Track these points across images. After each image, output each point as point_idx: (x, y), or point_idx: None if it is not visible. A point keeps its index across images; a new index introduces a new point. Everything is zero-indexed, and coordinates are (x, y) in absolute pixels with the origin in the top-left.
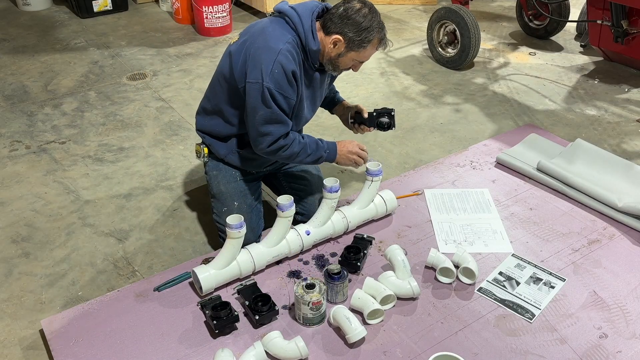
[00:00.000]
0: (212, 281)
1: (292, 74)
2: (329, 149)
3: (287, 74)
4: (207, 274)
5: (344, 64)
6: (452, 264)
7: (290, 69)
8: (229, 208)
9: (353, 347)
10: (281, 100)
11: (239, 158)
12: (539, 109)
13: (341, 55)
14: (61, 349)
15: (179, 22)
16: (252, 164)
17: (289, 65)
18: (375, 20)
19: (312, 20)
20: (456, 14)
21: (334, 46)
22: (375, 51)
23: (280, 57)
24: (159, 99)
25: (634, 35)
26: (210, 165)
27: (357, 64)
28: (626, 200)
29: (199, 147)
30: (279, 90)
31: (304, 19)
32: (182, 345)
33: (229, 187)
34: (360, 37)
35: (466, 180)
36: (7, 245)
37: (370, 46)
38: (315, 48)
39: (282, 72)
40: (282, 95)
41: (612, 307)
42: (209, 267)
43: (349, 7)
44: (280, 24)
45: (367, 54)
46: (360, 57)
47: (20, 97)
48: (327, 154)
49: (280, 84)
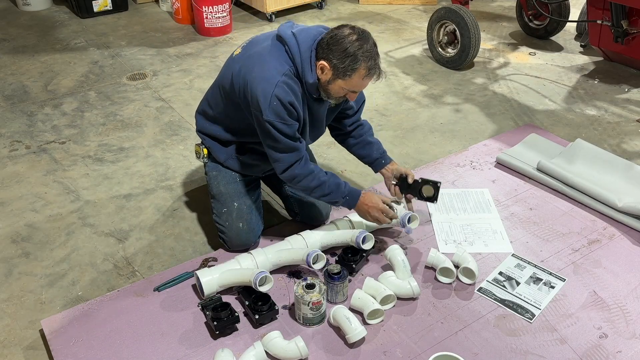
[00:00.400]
0: (215, 287)
1: (290, 104)
2: (349, 197)
3: (285, 105)
4: (209, 280)
5: (335, 92)
6: (452, 264)
7: (288, 101)
8: (228, 209)
9: (353, 347)
10: (285, 129)
11: (239, 163)
12: (539, 109)
13: (329, 82)
14: (61, 349)
15: (179, 22)
16: (252, 170)
17: (286, 97)
18: (364, 49)
19: (312, 50)
20: (456, 14)
21: (322, 72)
22: (367, 82)
23: (277, 90)
24: (159, 99)
25: (634, 35)
26: (210, 165)
27: (349, 93)
28: (626, 200)
29: (198, 148)
30: (280, 121)
31: (302, 49)
32: (182, 345)
33: (228, 187)
34: (344, 64)
35: (466, 180)
36: (7, 245)
37: (356, 75)
38: (312, 81)
39: (280, 105)
40: (285, 124)
41: (612, 307)
42: (212, 274)
43: (338, 32)
44: (279, 51)
45: (355, 84)
46: (350, 86)
47: (20, 97)
48: (345, 201)
49: (280, 115)
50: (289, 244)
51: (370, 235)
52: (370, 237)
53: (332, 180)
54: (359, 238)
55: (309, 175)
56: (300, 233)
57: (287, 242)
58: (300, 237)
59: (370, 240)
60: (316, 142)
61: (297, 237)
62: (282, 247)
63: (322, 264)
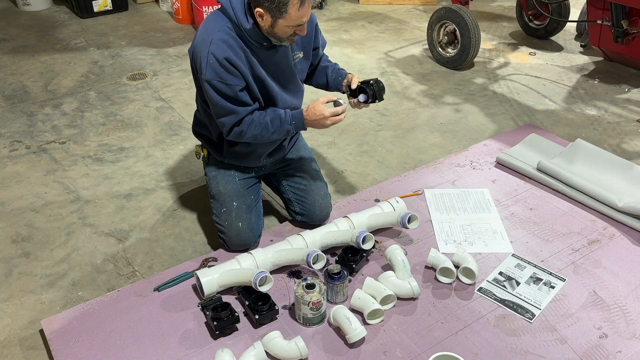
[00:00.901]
0: (215, 287)
1: (227, 60)
2: (295, 120)
3: (220, 62)
4: (209, 280)
5: (283, 32)
6: (452, 264)
7: (223, 56)
8: (228, 208)
9: (353, 347)
10: (224, 89)
11: (236, 156)
12: (539, 109)
13: (272, 26)
14: (61, 349)
15: (179, 22)
16: (251, 158)
17: (221, 53)
18: None
19: (243, 1)
20: (456, 14)
21: (262, 19)
22: (307, 10)
23: (212, 47)
24: (159, 99)
25: (634, 35)
26: (210, 166)
27: (297, 28)
28: (626, 200)
29: (198, 149)
30: (218, 79)
31: (234, 3)
32: (182, 346)
33: (227, 187)
34: (275, 2)
35: (466, 180)
36: (7, 245)
37: (291, 9)
38: (249, 26)
39: (215, 61)
40: (224, 83)
41: (612, 307)
42: (213, 275)
43: None
44: (217, 14)
45: (295, 17)
46: (292, 22)
47: (20, 97)
48: (294, 126)
49: (217, 72)
50: (289, 244)
51: (370, 235)
52: (370, 237)
53: (273, 115)
54: (359, 238)
55: (250, 124)
56: (300, 233)
57: (287, 242)
58: (300, 237)
59: (370, 240)
60: (316, 142)
61: (297, 237)
62: (282, 247)
63: (322, 264)
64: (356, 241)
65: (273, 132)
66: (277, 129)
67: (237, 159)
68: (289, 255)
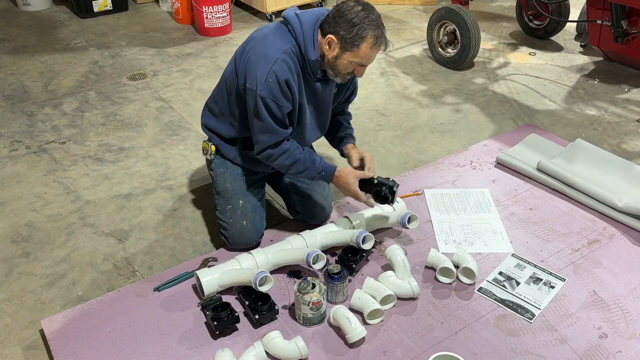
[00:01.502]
0: (215, 287)
1: (285, 83)
2: (325, 173)
3: (280, 83)
4: (210, 280)
5: (343, 67)
6: (452, 264)
7: (284, 79)
8: (233, 206)
9: (353, 347)
10: (275, 109)
11: (245, 159)
12: (539, 109)
13: (337, 57)
14: (61, 349)
15: (179, 22)
16: (259, 165)
17: (282, 75)
18: (369, 18)
19: (314, 29)
20: (456, 14)
21: (329, 47)
22: (375, 52)
23: (275, 67)
24: (159, 99)
25: (634, 35)
26: (217, 162)
27: (357, 67)
28: (626, 200)
29: (206, 145)
30: (272, 98)
31: (305, 28)
32: (182, 346)
33: (235, 185)
34: (352, 34)
35: (466, 180)
36: (7, 245)
37: (364, 44)
38: (314, 58)
39: (275, 82)
40: (276, 104)
41: (612, 307)
42: (212, 275)
43: (342, 6)
44: (283, 32)
45: (363, 54)
46: (357, 58)
47: (20, 97)
48: (322, 176)
49: (273, 93)
50: (289, 244)
51: (370, 235)
52: (370, 237)
53: (308, 156)
54: (359, 238)
55: (283, 153)
56: (300, 233)
57: (287, 242)
58: (300, 237)
59: (370, 240)
60: (316, 142)
61: (297, 237)
62: (282, 247)
63: (322, 263)
64: (356, 241)
65: (301, 172)
66: (305, 170)
67: (248, 161)
68: (289, 255)
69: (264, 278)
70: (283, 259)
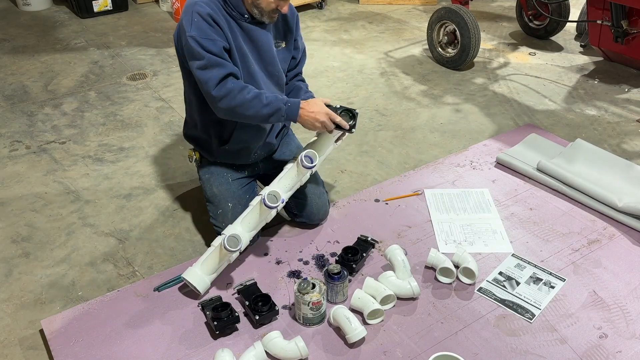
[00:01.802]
0: (207, 281)
1: (210, 17)
2: (290, 103)
3: (205, 19)
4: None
5: (266, 4)
6: (452, 264)
7: (206, 12)
8: (223, 210)
9: (353, 347)
10: (209, 44)
11: (227, 154)
12: (539, 109)
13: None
14: (61, 349)
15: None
16: (243, 155)
17: (204, 10)
18: None
19: None
20: (456, 14)
21: None
22: None
23: (196, 7)
24: (159, 99)
25: (634, 35)
26: (203, 169)
27: (279, 2)
28: (626, 200)
29: (191, 152)
30: (202, 36)
31: None
32: (182, 346)
33: (221, 189)
34: None
35: (466, 180)
36: (7, 245)
37: None
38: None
39: (200, 19)
40: (208, 39)
41: (612, 307)
42: (197, 270)
43: None
44: None
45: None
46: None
47: (20, 97)
48: (288, 108)
49: (202, 29)
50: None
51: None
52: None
53: (269, 92)
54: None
55: (243, 89)
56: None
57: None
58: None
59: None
60: None
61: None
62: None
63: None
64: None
65: (265, 105)
66: (269, 103)
67: (229, 157)
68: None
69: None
70: (252, 221)
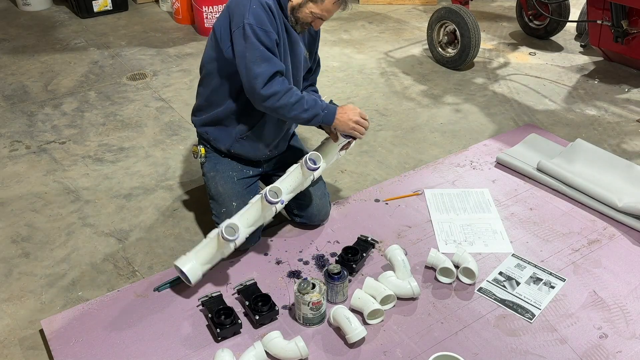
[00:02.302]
0: (199, 272)
1: (268, 7)
2: (328, 110)
3: (264, 7)
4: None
5: (304, 16)
6: (452, 264)
7: (266, 2)
8: (227, 209)
9: (353, 347)
10: (263, 36)
11: (243, 146)
12: (539, 109)
13: (301, 5)
14: (61, 349)
15: (179, 22)
16: (258, 149)
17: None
18: None
19: None
20: (456, 14)
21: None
22: (336, 8)
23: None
24: (159, 99)
25: (634, 35)
26: (208, 166)
27: (316, 20)
28: (626, 200)
29: (195, 148)
30: (259, 25)
31: None
32: (182, 345)
33: (226, 187)
34: None
35: (466, 180)
36: (7, 245)
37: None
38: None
39: (259, 6)
40: (264, 30)
41: (612, 307)
42: (192, 258)
43: None
44: None
45: (325, 8)
46: (319, 10)
47: (20, 97)
48: (325, 114)
49: (260, 18)
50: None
51: (315, 153)
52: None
53: (309, 96)
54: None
55: (288, 91)
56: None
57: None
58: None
59: (318, 158)
60: (317, 141)
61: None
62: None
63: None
64: (308, 167)
65: (306, 109)
66: (310, 107)
67: (244, 149)
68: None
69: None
70: (251, 217)
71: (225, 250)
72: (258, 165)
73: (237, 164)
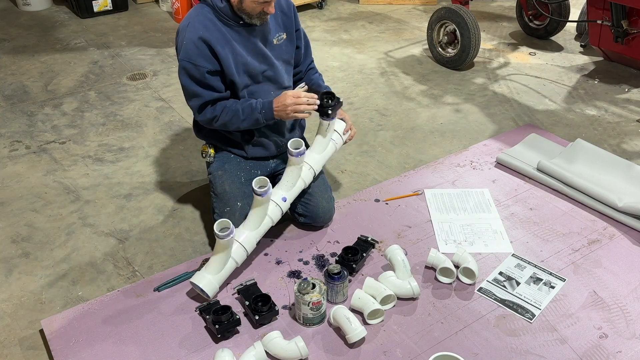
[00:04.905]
0: (215, 284)
1: (200, 40)
2: (264, 109)
3: (195, 43)
4: (207, 280)
5: (251, 8)
6: (452, 264)
7: (197, 37)
8: (231, 208)
9: (353, 347)
10: (192, 70)
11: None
12: (539, 109)
13: (241, 1)
14: (61, 349)
15: (179, 22)
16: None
17: (194, 35)
18: None
19: None
20: (456, 14)
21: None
22: None
23: (187, 33)
24: (159, 99)
25: (634, 35)
26: (215, 165)
27: (264, 5)
28: (626, 200)
29: (205, 147)
30: (188, 60)
31: None
32: (182, 346)
33: (233, 187)
34: None
35: (466, 180)
36: (7, 245)
37: None
38: (222, 5)
39: (190, 43)
40: (193, 64)
41: (612, 307)
42: (205, 273)
43: None
44: (196, 6)
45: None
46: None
47: (20, 97)
48: (264, 114)
49: (189, 54)
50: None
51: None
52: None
53: (244, 105)
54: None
55: (221, 112)
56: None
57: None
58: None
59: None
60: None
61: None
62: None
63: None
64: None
65: (243, 120)
66: (247, 117)
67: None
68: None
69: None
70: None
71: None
72: (266, 165)
73: (246, 165)
